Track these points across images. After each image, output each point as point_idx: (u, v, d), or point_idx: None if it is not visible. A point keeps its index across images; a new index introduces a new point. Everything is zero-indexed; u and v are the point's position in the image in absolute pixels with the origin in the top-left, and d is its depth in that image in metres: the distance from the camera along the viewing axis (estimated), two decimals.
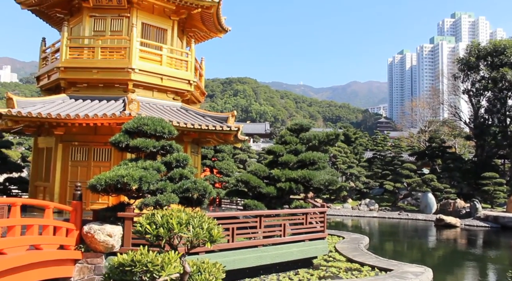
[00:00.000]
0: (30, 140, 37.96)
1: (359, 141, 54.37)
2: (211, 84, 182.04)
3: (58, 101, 15.28)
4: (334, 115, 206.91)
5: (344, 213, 39.62)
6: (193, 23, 18.74)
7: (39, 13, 18.00)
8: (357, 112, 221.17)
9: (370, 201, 42.56)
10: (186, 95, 17.41)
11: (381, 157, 51.69)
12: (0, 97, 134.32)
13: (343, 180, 45.38)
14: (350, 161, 46.28)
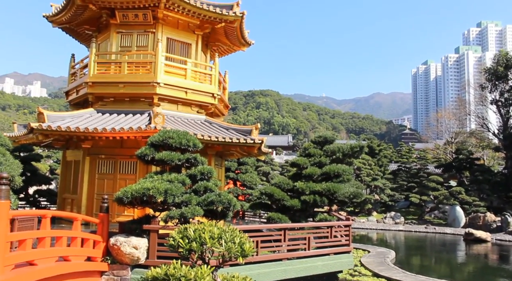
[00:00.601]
0: (59, 153, 38.90)
1: (384, 153, 53.63)
2: (234, 97, 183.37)
3: (86, 115, 15.65)
4: (357, 127, 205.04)
5: (369, 226, 38.96)
6: (216, 37, 18.99)
7: (69, 31, 18.61)
8: (381, 124, 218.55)
9: (395, 214, 41.75)
10: (210, 108, 17.58)
11: (406, 169, 50.81)
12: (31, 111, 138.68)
13: (367, 192, 44.74)
14: (375, 173, 45.65)
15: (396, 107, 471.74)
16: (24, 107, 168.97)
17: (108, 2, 15.52)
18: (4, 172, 7.72)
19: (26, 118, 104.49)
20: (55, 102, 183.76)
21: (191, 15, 16.41)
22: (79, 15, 16.59)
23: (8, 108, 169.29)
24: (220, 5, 16.92)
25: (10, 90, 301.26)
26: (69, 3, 15.81)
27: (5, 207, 7.25)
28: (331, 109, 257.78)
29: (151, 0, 15.34)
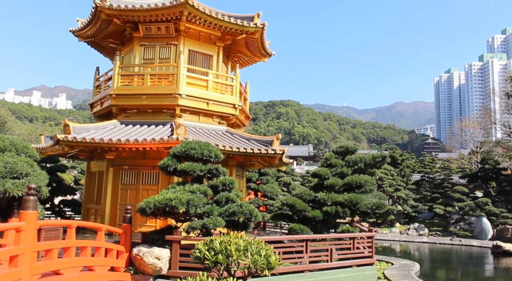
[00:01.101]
0: (83, 164, 39.64)
1: (406, 163, 52.79)
2: (254, 107, 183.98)
3: (110, 126, 15.94)
4: (379, 137, 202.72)
5: (392, 238, 38.24)
6: (237, 49, 19.18)
7: (94, 44, 19.09)
8: (403, 133, 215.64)
9: (419, 225, 40.92)
10: (231, 119, 17.69)
11: (429, 179, 49.82)
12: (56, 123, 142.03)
13: (390, 203, 44.00)
14: (397, 183, 44.92)
15: (418, 116, 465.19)
16: (50, 119, 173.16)
17: (131, 16, 15.88)
18: (32, 183, 7.91)
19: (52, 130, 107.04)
20: (80, 114, 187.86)
21: (212, 27, 16.64)
22: (104, 29, 17.02)
23: (35, 120, 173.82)
24: (241, 16, 17.12)
25: (37, 102, 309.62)
26: (94, 18, 16.24)
27: (33, 217, 7.41)
28: (352, 118, 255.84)
29: (173, 13, 15.63)
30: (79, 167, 45.82)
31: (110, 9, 15.48)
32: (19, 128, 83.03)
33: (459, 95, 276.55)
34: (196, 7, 15.27)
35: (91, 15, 16.33)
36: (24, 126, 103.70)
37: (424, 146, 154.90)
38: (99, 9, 15.62)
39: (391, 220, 42.48)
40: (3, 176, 11.06)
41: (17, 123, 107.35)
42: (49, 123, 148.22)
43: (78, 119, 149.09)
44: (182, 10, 15.29)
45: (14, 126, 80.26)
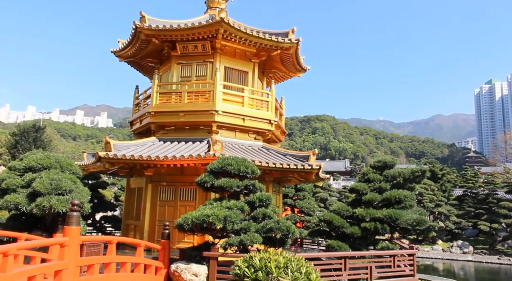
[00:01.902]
0: (123, 180, 40.59)
1: (447, 177, 51.04)
2: (290, 123, 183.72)
3: (149, 143, 16.30)
4: (418, 151, 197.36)
5: (434, 256, 36.87)
6: (272, 64, 19.30)
7: (134, 64, 19.72)
8: (443, 147, 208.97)
9: (463, 243, 39.26)
10: (267, 135, 17.71)
11: (472, 194, 47.89)
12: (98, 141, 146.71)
13: (431, 219, 42.53)
14: (438, 199, 43.42)
15: (459, 129, 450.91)
16: (92, 137, 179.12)
17: (169, 35, 16.33)
18: (76, 199, 8.15)
19: (94, 147, 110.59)
20: (120, 131, 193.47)
21: (247, 44, 16.85)
22: (143, 48, 17.57)
23: (78, 138, 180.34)
24: (275, 32, 17.25)
25: (80, 121, 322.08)
26: (134, 38, 16.80)
27: (76, 232, 7.62)
28: (389, 132, 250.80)
29: (209, 32, 15.95)
30: (119, 183, 46.95)
31: (149, 29, 15.99)
32: (63, 146, 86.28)
33: (502, 106, 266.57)
34: (231, 25, 15.53)
35: (131, 35, 16.90)
36: (68, 144, 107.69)
37: (465, 160, 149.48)
38: (138, 30, 16.16)
39: (433, 237, 40.94)
40: (49, 192, 11.48)
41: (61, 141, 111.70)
42: (91, 141, 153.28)
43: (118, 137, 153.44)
44: (218, 28, 15.59)
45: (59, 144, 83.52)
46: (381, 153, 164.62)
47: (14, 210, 12.36)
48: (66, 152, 70.66)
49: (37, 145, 45.61)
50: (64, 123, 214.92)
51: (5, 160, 53.51)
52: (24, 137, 46.76)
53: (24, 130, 47.77)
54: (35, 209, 11.38)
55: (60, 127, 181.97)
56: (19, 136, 47.01)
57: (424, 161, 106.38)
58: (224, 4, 19.92)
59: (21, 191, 12.64)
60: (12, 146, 47.17)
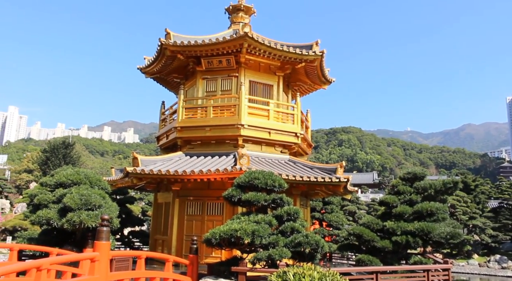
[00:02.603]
0: (150, 195, 40.97)
1: (480, 188, 49.41)
2: (315, 135, 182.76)
3: (175, 158, 16.40)
4: (448, 162, 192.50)
5: (470, 271, 35.52)
6: (297, 77, 19.23)
7: (159, 80, 20.02)
8: (474, 157, 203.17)
9: (501, 257, 37.73)
10: (293, 148, 17.57)
11: (509, 206, 46.17)
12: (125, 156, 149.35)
13: (465, 232, 41.13)
14: (472, 211, 42.03)
15: (491, 138, 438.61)
16: (119, 153, 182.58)
17: (194, 51, 16.52)
18: (105, 214, 8.21)
19: (121, 163, 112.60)
20: (146, 146, 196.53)
21: (271, 57, 16.87)
22: (169, 65, 17.83)
23: (106, 154, 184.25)
24: (299, 45, 17.22)
25: (108, 137, 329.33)
26: (160, 55, 17.08)
27: (106, 247, 7.65)
28: (417, 143, 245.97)
29: (233, 46, 16.05)
30: (146, 198, 47.44)
31: (174, 45, 16.23)
32: (92, 162, 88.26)
33: None
34: (255, 39, 15.59)
35: (157, 52, 17.19)
36: (96, 160, 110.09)
37: (499, 170, 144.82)
38: (164, 46, 16.41)
39: (468, 251, 39.55)
40: (79, 207, 11.65)
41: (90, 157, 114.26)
42: (118, 157, 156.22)
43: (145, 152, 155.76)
44: (242, 43, 15.67)
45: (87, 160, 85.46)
46: (410, 165, 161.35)
47: (46, 225, 12.60)
48: (94, 168, 72.23)
49: (66, 161, 46.78)
50: (92, 139, 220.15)
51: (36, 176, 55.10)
52: (54, 153, 48.07)
53: (54, 147, 49.16)
54: (66, 224, 11.56)
55: (88, 143, 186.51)
56: (50, 152, 48.36)
57: (455, 172, 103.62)
58: (248, 18, 20.09)
59: (53, 206, 12.90)
60: (43, 163, 48.55)
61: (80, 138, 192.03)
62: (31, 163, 68.27)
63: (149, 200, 45.25)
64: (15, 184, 66.47)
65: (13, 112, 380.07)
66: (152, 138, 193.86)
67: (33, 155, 72.39)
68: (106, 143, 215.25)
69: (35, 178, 58.44)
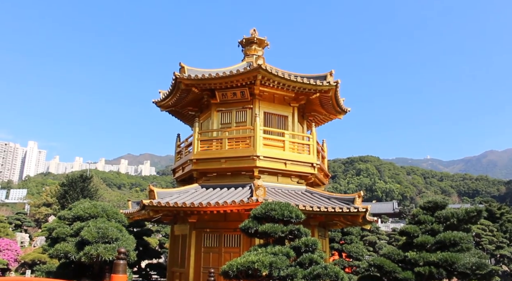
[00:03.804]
0: (167, 228, 40.88)
1: (507, 217, 47.82)
2: (333, 165, 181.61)
3: (191, 190, 16.42)
4: (471, 189, 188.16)
5: None
6: (312, 108, 19.31)
7: (174, 113, 20.32)
8: (498, 184, 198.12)
9: None
10: (310, 178, 17.45)
11: None
12: (142, 189, 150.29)
13: (492, 263, 39.62)
14: (499, 240, 40.60)
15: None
16: (136, 185, 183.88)
17: (208, 84, 16.80)
18: (122, 247, 8.20)
19: (138, 195, 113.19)
20: (163, 179, 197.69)
21: (286, 88, 17.03)
22: (183, 98, 18.13)
23: (123, 187, 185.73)
24: (313, 76, 17.39)
25: (125, 170, 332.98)
26: (174, 88, 17.41)
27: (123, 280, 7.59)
28: (438, 171, 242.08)
29: (247, 79, 16.29)
30: (163, 231, 47.33)
31: (188, 79, 16.54)
32: (109, 195, 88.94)
33: None
34: (269, 71, 15.80)
35: (172, 86, 17.53)
36: (113, 193, 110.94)
37: None
38: (178, 80, 16.74)
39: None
40: (96, 241, 11.66)
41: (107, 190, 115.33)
42: (135, 189, 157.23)
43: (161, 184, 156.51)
44: (256, 75, 15.90)
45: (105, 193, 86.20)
46: (431, 193, 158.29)
47: (64, 258, 12.61)
48: (111, 201, 72.69)
49: (84, 194, 47.27)
50: (109, 173, 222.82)
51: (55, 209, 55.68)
52: (72, 187, 48.69)
53: (72, 180, 49.86)
54: (83, 257, 11.55)
55: (105, 177, 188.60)
56: (68, 186, 49.02)
57: (479, 200, 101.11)
58: (261, 51, 20.45)
59: (70, 239, 12.95)
60: (61, 196, 49.16)
61: (97, 172, 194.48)
62: (50, 197, 69.15)
63: (166, 232, 45.09)
64: (34, 218, 67.18)
65: (32, 147, 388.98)
66: (168, 171, 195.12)
67: (52, 189, 73.40)
68: (123, 176, 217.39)
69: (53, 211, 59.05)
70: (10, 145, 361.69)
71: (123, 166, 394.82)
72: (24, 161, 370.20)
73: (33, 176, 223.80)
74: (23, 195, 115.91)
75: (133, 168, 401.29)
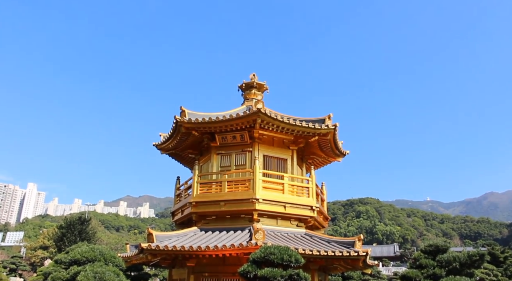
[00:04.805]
0: (165, 271, 40.03)
1: (511, 260, 46.95)
2: (332, 207, 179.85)
3: (190, 234, 16.28)
4: (472, 232, 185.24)
5: None
6: (311, 150, 19.48)
7: (175, 156, 20.47)
8: (501, 227, 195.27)
9: None
10: (309, 221, 17.36)
11: None
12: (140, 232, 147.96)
13: None
14: None
15: None
16: (134, 228, 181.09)
17: (208, 127, 17.05)
18: None
19: (136, 238, 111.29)
20: (161, 221, 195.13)
21: (285, 132, 17.25)
22: (184, 141, 18.32)
23: (121, 229, 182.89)
24: (312, 119, 17.66)
25: (123, 212, 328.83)
26: (175, 131, 17.64)
27: None
28: (438, 213, 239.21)
29: (247, 122, 16.55)
30: (161, 274, 46.26)
31: (189, 122, 16.80)
32: (107, 237, 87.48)
33: None
34: (268, 115, 16.09)
35: (172, 129, 17.76)
36: (111, 235, 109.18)
37: None
38: (179, 124, 17.00)
39: None
40: None
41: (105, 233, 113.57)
42: (134, 232, 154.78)
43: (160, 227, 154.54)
44: (255, 119, 16.17)
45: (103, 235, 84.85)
46: (432, 236, 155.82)
47: None
48: (109, 243, 71.42)
49: (82, 237, 46.54)
50: (108, 215, 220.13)
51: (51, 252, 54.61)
52: (70, 229, 48.03)
53: (70, 223, 49.28)
54: None
55: (104, 219, 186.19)
56: (66, 228, 48.37)
57: (481, 242, 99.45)
58: (260, 95, 20.89)
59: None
60: (58, 239, 48.38)
61: (96, 214, 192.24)
62: (47, 240, 68.04)
63: (164, 276, 44.09)
64: (30, 261, 65.76)
65: (31, 189, 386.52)
66: (167, 213, 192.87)
67: (49, 231, 72.41)
68: (121, 218, 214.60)
69: (50, 255, 57.90)
70: (10, 187, 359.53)
71: (122, 208, 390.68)
72: (22, 203, 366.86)
73: (31, 218, 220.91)
74: (20, 238, 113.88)
75: (132, 210, 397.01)
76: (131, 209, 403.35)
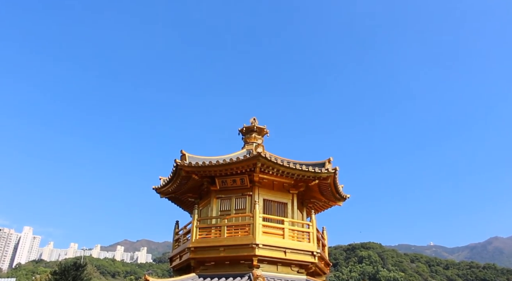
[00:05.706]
0: None
1: None
2: (334, 252, 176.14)
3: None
4: (479, 278, 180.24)
5: None
6: (311, 194, 19.27)
7: (174, 199, 20.24)
8: (508, 273, 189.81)
9: None
10: (310, 267, 16.86)
11: None
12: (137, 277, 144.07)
13: None
14: None
15: None
16: (131, 273, 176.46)
17: (209, 171, 16.95)
18: None
19: None
20: (159, 267, 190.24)
21: (285, 175, 17.14)
22: (183, 185, 18.17)
23: (117, 275, 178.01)
24: (312, 163, 17.60)
25: (120, 257, 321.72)
26: (175, 175, 17.52)
27: None
28: (442, 259, 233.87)
29: (247, 166, 16.48)
30: None
31: (189, 166, 16.72)
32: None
33: None
34: (268, 159, 16.04)
35: (172, 172, 17.65)
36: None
37: None
38: (179, 167, 16.91)
39: None
40: None
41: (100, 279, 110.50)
42: (130, 278, 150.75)
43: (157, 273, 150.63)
44: (255, 163, 16.11)
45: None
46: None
47: None
48: None
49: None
50: (104, 260, 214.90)
51: None
52: (64, 276, 46.72)
53: (64, 268, 48.04)
54: None
55: (100, 264, 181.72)
56: (59, 275, 47.05)
57: None
58: (261, 139, 20.95)
59: None
60: None
61: (92, 259, 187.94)
62: None
63: None
64: None
65: (27, 232, 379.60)
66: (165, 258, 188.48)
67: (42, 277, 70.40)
68: (118, 264, 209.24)
69: None
70: (4, 230, 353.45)
71: (119, 252, 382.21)
72: (17, 247, 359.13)
73: (24, 264, 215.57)
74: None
75: (129, 255, 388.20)
76: (128, 254, 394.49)
